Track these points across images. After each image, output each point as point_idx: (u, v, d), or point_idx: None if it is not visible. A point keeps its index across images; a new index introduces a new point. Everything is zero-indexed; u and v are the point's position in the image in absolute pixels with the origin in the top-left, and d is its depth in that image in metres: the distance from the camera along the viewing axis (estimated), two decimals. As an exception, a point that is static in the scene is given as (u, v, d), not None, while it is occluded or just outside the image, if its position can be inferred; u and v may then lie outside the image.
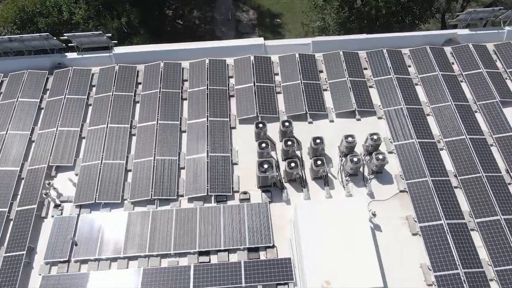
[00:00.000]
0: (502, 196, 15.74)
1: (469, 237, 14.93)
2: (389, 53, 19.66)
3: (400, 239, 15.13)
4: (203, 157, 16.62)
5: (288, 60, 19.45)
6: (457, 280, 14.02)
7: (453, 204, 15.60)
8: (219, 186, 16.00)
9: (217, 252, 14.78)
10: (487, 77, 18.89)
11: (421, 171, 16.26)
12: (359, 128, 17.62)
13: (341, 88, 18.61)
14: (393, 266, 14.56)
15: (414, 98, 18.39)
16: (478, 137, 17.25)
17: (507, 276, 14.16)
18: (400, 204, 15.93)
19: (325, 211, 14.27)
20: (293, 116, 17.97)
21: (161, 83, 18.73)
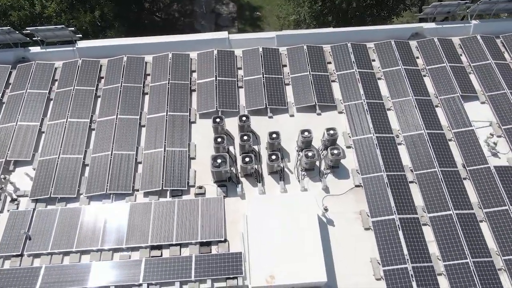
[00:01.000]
0: (456, 191, 15.75)
1: (421, 232, 14.99)
2: (353, 47, 19.56)
3: (353, 234, 15.18)
4: (160, 151, 16.67)
5: (251, 54, 19.36)
6: (405, 274, 14.10)
7: (407, 199, 15.63)
8: (175, 181, 16.04)
9: (169, 246, 14.91)
10: (450, 71, 18.79)
11: (377, 166, 16.28)
12: (319, 123, 17.60)
13: (303, 83, 18.56)
14: (344, 261, 14.63)
15: (375, 92, 18.33)
16: (437, 131, 17.22)
17: (456, 271, 14.25)
18: (355, 198, 15.96)
19: (274, 206, 14.33)
20: (253, 111, 17.98)
21: (123, 77, 18.73)
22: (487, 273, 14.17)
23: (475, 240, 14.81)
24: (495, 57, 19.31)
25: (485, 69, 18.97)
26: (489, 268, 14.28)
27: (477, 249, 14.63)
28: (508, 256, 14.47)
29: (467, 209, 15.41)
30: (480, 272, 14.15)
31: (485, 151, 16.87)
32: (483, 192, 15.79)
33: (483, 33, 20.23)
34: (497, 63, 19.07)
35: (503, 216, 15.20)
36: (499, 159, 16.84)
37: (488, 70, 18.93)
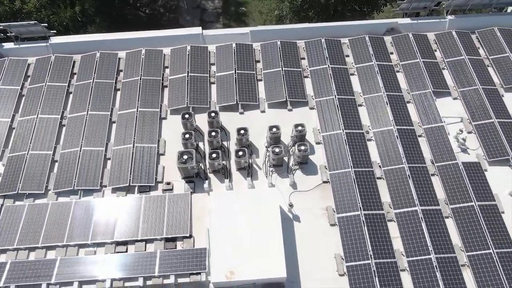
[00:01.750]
0: (423, 187, 15.75)
1: (385, 228, 15.02)
2: (327, 42, 19.48)
3: (318, 230, 15.21)
4: (129, 147, 16.68)
5: (224, 50, 19.31)
6: (368, 270, 14.14)
7: (374, 195, 15.64)
8: (142, 177, 16.08)
9: (135, 242, 14.97)
10: (423, 67, 18.71)
11: (345, 162, 16.27)
12: (290, 119, 17.56)
13: (275, 78, 18.49)
14: (308, 257, 14.68)
15: (347, 88, 18.28)
16: (407, 127, 17.17)
17: (419, 267, 14.28)
18: (322, 195, 15.96)
19: (238, 202, 14.35)
20: (225, 107, 17.98)
21: (95, 73, 18.71)
22: (450, 269, 14.20)
23: (440, 236, 14.81)
24: (469, 52, 19.21)
25: (459, 65, 18.88)
26: (452, 264, 14.31)
27: (441, 245, 14.63)
28: (471, 252, 14.49)
29: (433, 205, 15.41)
30: (443, 268, 14.18)
31: (455, 147, 16.92)
32: (450, 188, 15.77)
33: (459, 28, 20.14)
34: (470, 58, 18.97)
35: (469, 212, 15.21)
36: (468, 155, 16.81)
37: (461, 66, 18.82)
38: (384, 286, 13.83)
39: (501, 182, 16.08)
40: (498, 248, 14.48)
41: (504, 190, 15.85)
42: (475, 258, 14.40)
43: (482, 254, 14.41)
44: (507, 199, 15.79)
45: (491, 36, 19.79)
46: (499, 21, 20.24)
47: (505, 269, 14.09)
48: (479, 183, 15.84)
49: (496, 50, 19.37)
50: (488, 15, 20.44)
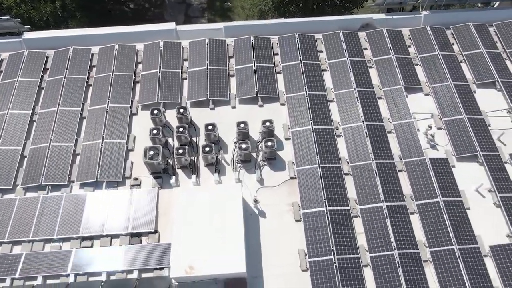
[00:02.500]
0: (389, 183, 15.75)
1: (350, 224, 15.07)
2: (301, 38, 19.44)
3: (283, 226, 15.26)
4: (98, 143, 16.72)
5: (197, 46, 19.28)
6: (330, 265, 14.21)
7: (340, 191, 15.67)
8: (110, 173, 16.13)
9: (100, 237, 15.06)
10: (395, 63, 18.66)
11: (312, 158, 16.29)
12: (260, 115, 17.58)
13: (247, 74, 18.46)
14: (272, 252, 14.74)
15: (319, 84, 18.26)
16: (376, 123, 17.17)
17: (381, 262, 14.33)
18: (289, 190, 16.00)
19: (201, 197, 14.38)
20: (195, 102, 18.00)
21: (67, 69, 18.72)
22: (412, 264, 14.26)
23: (404, 232, 14.84)
24: (442, 48, 19.14)
25: (432, 61, 18.81)
26: (415, 259, 14.36)
27: (405, 240, 14.67)
28: (434, 248, 14.54)
29: (398, 201, 15.43)
30: (405, 263, 14.23)
31: (424, 143, 16.92)
32: (416, 184, 15.79)
33: (434, 24, 20.05)
34: (444, 54, 18.91)
35: (434, 208, 15.24)
36: (437, 151, 16.81)
37: (434, 62, 18.75)
38: (346, 281, 13.94)
39: (468, 178, 16.09)
40: (461, 244, 14.53)
41: (471, 186, 15.88)
42: (438, 254, 14.43)
43: (444, 250, 14.45)
44: (473, 195, 15.83)
45: (465, 32, 19.72)
46: (474, 17, 20.16)
47: (466, 265, 14.15)
48: (445, 179, 15.86)
49: (470, 46, 19.30)
50: (463, 11, 20.36)
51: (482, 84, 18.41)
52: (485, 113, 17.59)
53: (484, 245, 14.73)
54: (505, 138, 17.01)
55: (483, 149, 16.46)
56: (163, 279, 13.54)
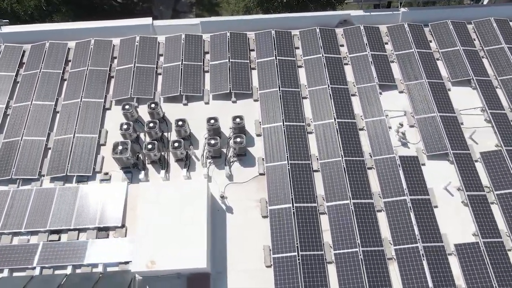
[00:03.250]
0: (357, 180, 15.74)
1: (316, 221, 15.08)
2: (277, 34, 19.38)
3: (250, 222, 15.30)
4: (70, 138, 16.80)
5: (173, 41, 19.26)
6: (293, 262, 14.24)
7: (308, 188, 15.67)
8: (81, 167, 16.21)
9: (68, 231, 15.16)
10: (371, 60, 18.59)
11: (282, 154, 16.29)
12: (233, 111, 17.57)
13: (221, 70, 18.44)
14: (237, 248, 14.81)
15: (293, 81, 18.22)
16: (348, 121, 17.14)
17: (346, 259, 14.35)
18: (258, 187, 16.02)
19: (166, 192, 14.45)
20: (169, 98, 18.02)
21: (43, 63, 18.77)
22: (376, 262, 14.28)
23: (369, 230, 14.85)
24: (419, 46, 19.02)
25: (407, 58, 18.70)
26: (379, 257, 14.37)
27: (370, 238, 14.70)
28: (399, 246, 14.55)
29: (366, 198, 15.44)
30: (369, 261, 14.26)
31: (395, 141, 16.89)
32: (385, 181, 15.77)
33: (413, 21, 19.91)
34: (420, 52, 18.80)
35: (400, 206, 15.22)
36: (408, 149, 16.77)
37: (410, 59, 18.64)
38: (309, 278, 14.00)
39: (438, 176, 16.04)
40: (426, 242, 14.54)
41: (440, 184, 15.84)
42: (402, 252, 14.45)
43: (409, 248, 14.46)
44: (442, 194, 15.81)
45: (443, 29, 19.58)
46: (453, 14, 20.02)
47: (430, 263, 14.15)
48: (414, 177, 15.82)
49: (447, 44, 19.18)
50: (442, 8, 20.23)
51: (457, 82, 18.32)
52: (459, 111, 17.51)
53: (450, 244, 14.74)
54: (477, 137, 16.95)
55: (454, 148, 16.41)
56: (125, 274, 13.64)
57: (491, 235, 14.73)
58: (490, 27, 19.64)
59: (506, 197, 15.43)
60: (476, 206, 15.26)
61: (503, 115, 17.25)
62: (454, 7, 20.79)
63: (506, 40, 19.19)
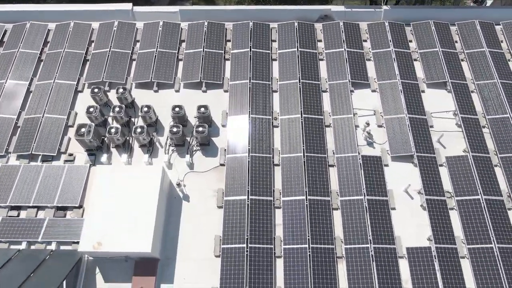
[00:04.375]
0: (318, 177, 15.61)
1: (270, 214, 15.02)
2: (255, 26, 19.24)
3: (205, 211, 15.37)
4: (39, 117, 17.10)
5: (151, 28, 19.32)
6: (241, 253, 14.26)
7: (266, 181, 15.62)
8: (47, 146, 16.49)
9: (27, 208, 15.49)
10: (346, 56, 18.31)
11: (244, 146, 16.26)
12: (202, 100, 17.61)
13: (195, 59, 18.41)
14: (190, 236, 14.92)
15: (265, 73, 18.08)
16: (315, 117, 16.97)
17: (295, 255, 14.31)
18: (217, 177, 16.07)
19: (121, 176, 14.58)
20: (141, 84, 18.13)
21: (21, 43, 19.07)
22: (325, 260, 14.17)
23: (322, 227, 14.74)
24: (398, 45, 18.65)
25: (384, 57, 18.38)
26: (329, 255, 14.24)
27: (322, 236, 14.56)
28: (350, 245, 14.38)
29: (322, 195, 15.33)
30: (319, 258, 14.14)
31: (362, 140, 16.68)
32: (344, 180, 15.60)
33: (395, 20, 19.51)
34: (398, 51, 18.43)
35: (357, 205, 15.05)
36: (373, 148, 16.55)
37: (386, 58, 18.31)
38: (255, 269, 14.03)
39: (400, 178, 15.79)
40: (377, 243, 14.35)
41: (401, 186, 15.61)
42: (352, 251, 14.27)
43: (359, 248, 14.30)
44: (402, 196, 15.56)
45: (425, 30, 19.13)
46: (438, 15, 19.54)
47: (378, 265, 13.95)
48: (374, 177, 15.62)
49: (427, 44, 18.75)
50: (426, 8, 19.73)
51: (433, 84, 17.94)
52: (430, 114, 17.19)
53: (402, 247, 14.58)
54: (446, 141, 16.62)
55: (419, 150, 16.11)
56: (74, 253, 13.89)
57: (445, 241, 14.48)
58: (474, 29, 19.12)
59: (466, 203, 15.13)
60: (434, 211, 14.98)
61: (475, 120, 16.85)
62: (439, 7, 20.22)
63: (489, 43, 18.69)
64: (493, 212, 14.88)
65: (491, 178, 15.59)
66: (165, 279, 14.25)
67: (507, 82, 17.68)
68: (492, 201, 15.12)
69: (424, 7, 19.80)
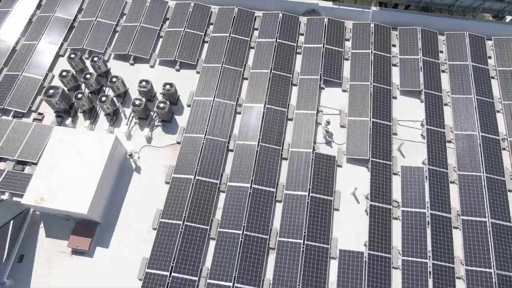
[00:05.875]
0: (265, 167, 15.59)
1: (213, 196, 15.20)
2: (239, 12, 19.25)
3: (153, 185, 15.77)
4: (17, 75, 17.92)
5: (139, 3, 19.64)
6: (176, 229, 14.57)
7: (215, 164, 15.80)
8: (20, 103, 17.30)
9: (-10, 157, 16.46)
10: (323, 53, 18.03)
11: (202, 128, 16.47)
12: (175, 78, 17.89)
13: (174, 38, 18.63)
14: (133, 206, 15.39)
15: (239, 60, 18.12)
16: (279, 108, 16.88)
17: (226, 238, 14.49)
18: (172, 154, 16.40)
19: (75, 139, 15.14)
20: (119, 56, 18.62)
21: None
22: (257, 250, 14.34)
23: (262, 217, 14.81)
24: (379, 48, 18.18)
25: (362, 58, 18.01)
26: (261, 245, 14.40)
27: (259, 225, 14.70)
28: (283, 238, 14.39)
29: (267, 186, 15.28)
30: (250, 247, 14.33)
31: (321, 137, 16.55)
32: (292, 174, 15.55)
33: (383, 22, 19.03)
34: (377, 54, 18.00)
35: (299, 201, 14.98)
36: (330, 148, 16.40)
37: (364, 60, 17.93)
38: (187, 244, 14.30)
39: (351, 180, 15.61)
40: (311, 241, 14.30)
41: (350, 188, 15.46)
42: (284, 244, 14.32)
43: (291, 242, 14.29)
44: (348, 198, 15.38)
45: (410, 36, 18.56)
46: (427, 22, 18.86)
47: (307, 262, 13.93)
48: (323, 176, 15.49)
49: (409, 51, 18.20)
50: (415, 13, 19.00)
51: (406, 92, 17.47)
52: (396, 121, 16.81)
53: (337, 248, 14.49)
54: (408, 151, 16.21)
55: (376, 156, 15.83)
56: (19, 204, 14.63)
57: (381, 249, 14.26)
58: (462, 41, 18.39)
59: (411, 215, 14.79)
60: (377, 218, 14.75)
61: (441, 133, 16.33)
62: (430, 14, 19.42)
63: (474, 57, 17.94)
64: (438, 228, 14.50)
65: (442, 194, 15.14)
66: (101, 243, 14.82)
67: (483, 99, 17.01)
68: (439, 217, 14.73)
69: (413, 13, 19.12)
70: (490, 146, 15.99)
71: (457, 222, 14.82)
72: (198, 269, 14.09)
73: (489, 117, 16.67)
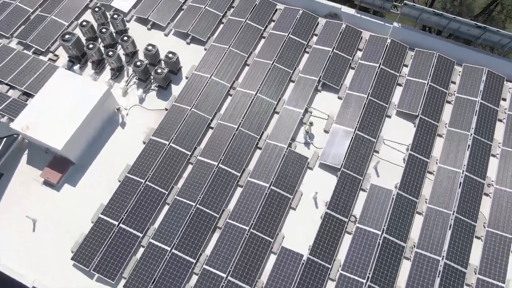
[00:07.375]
0: (236, 151, 15.91)
1: (181, 166, 15.73)
2: (261, 2, 19.51)
3: (132, 142, 16.60)
4: (47, 16, 19.48)
5: (172, -26, 20.69)
6: (137, 186, 15.26)
7: (192, 138, 16.29)
8: (41, 42, 18.77)
9: (2, 83, 18.02)
10: (330, 57, 17.81)
11: (192, 101, 17.03)
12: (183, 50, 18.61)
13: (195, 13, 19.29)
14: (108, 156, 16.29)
15: (246, 46, 18.40)
16: (268, 100, 17.02)
17: (180, 207, 14.98)
18: (157, 119, 17.11)
19: (71, 82, 16.27)
20: (140, 19, 19.60)
21: None
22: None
23: (215, 199, 15.18)
24: (388, 64, 17.64)
25: (367, 71, 17.54)
26: (209, 221, 14.76)
27: (215, 203, 15.06)
28: (232, 221, 14.69)
29: (235, 170, 15.61)
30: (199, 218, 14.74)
31: (301, 137, 16.49)
32: (260, 164, 15.64)
33: (402, 40, 18.45)
34: (384, 70, 17.47)
35: (258, 191, 15.09)
36: (307, 149, 16.29)
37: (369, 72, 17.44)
38: (140, 205, 14.95)
39: (318, 185, 15.48)
40: (257, 231, 14.41)
41: (313, 192, 15.31)
42: (230, 226, 14.58)
43: (236, 226, 14.53)
44: (308, 201, 15.28)
45: (425, 59, 17.85)
46: (446, 49, 17.98)
47: (245, 249, 14.10)
48: (290, 173, 15.47)
49: (419, 74, 17.54)
50: (437, 38, 18.15)
51: (402, 113, 16.89)
52: (382, 139, 16.34)
53: (281, 245, 14.46)
54: (384, 171, 15.75)
55: (348, 167, 15.53)
56: (8, 127, 15.99)
57: (322, 257, 14.04)
58: (478, 76, 17.40)
59: (363, 233, 14.39)
60: (328, 226, 14.53)
61: (424, 162, 15.66)
62: (452, 42, 18.34)
63: (486, 95, 16.95)
64: (387, 254, 14.01)
65: (403, 221, 14.59)
66: (70, 181, 15.92)
67: (480, 139, 16.05)
68: (392, 242, 14.23)
69: (432, 36, 18.29)
70: (470, 188, 15.13)
71: (410, 253, 14.28)
72: (146, 227, 14.76)
73: (481, 158, 15.74)
